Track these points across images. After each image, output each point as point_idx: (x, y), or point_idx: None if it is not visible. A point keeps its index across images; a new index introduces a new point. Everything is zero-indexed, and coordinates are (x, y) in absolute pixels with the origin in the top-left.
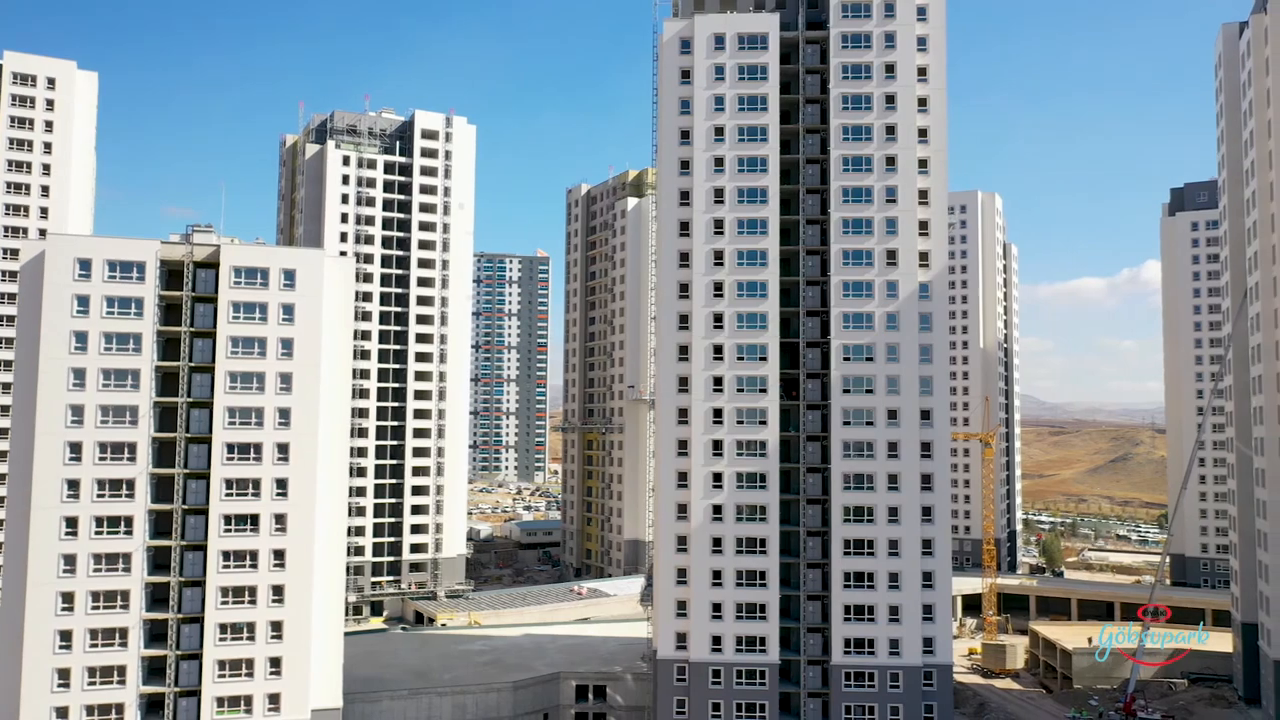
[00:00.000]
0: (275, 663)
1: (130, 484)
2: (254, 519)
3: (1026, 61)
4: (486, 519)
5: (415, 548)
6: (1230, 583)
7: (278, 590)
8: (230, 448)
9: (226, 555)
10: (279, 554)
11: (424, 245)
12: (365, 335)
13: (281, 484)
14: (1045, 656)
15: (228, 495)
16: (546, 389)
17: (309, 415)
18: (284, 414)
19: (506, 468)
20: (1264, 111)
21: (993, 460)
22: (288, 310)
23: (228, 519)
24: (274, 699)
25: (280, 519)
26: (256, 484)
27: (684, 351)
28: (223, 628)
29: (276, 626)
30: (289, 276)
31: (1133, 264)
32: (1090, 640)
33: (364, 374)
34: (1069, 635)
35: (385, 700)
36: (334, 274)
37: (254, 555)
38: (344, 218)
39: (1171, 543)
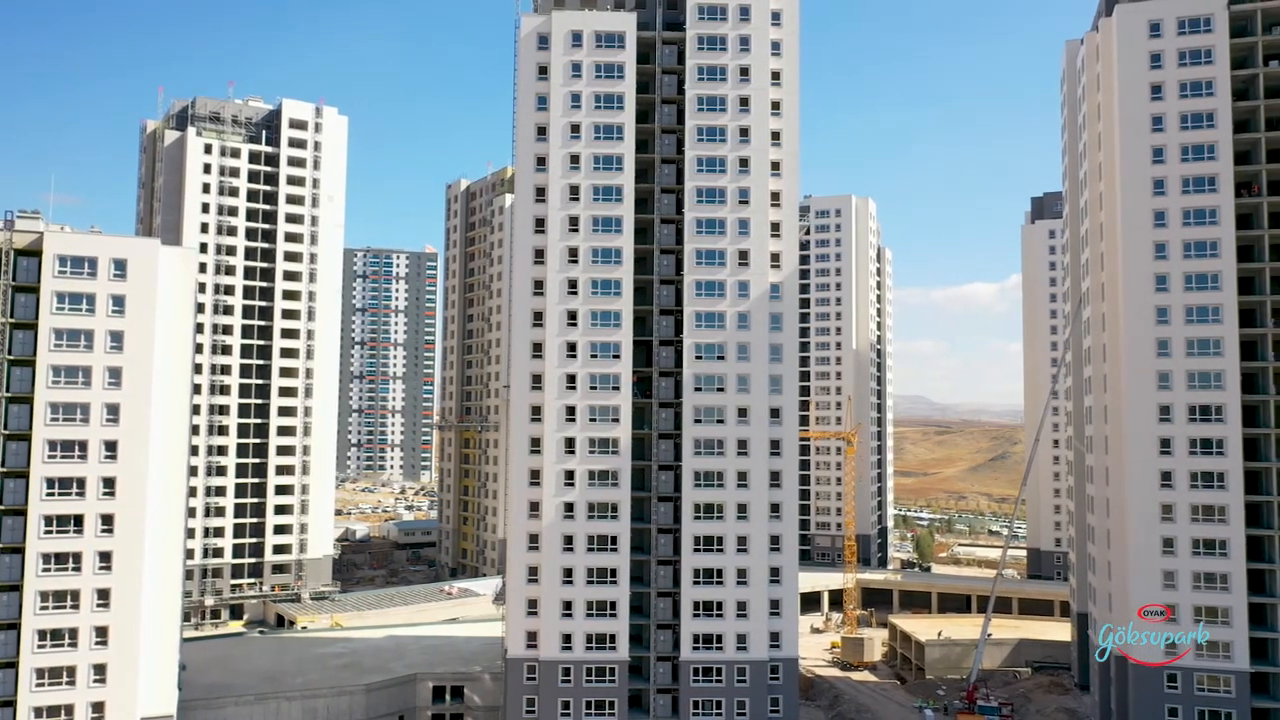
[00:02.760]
0: (100, 669)
1: None
2: (78, 520)
3: (926, 70)
4: (367, 519)
5: (279, 548)
6: (1069, 575)
7: (103, 594)
8: (53, 445)
9: (47, 558)
10: (105, 556)
11: (291, 238)
12: (227, 330)
13: (109, 483)
14: (902, 649)
15: (49, 495)
16: (434, 387)
17: (140, 412)
18: (112, 410)
19: (391, 467)
20: (1094, 125)
21: (854, 458)
22: (118, 302)
23: (49, 520)
24: (98, 707)
25: (107, 519)
26: (81, 483)
27: (538, 349)
28: (41, 634)
29: (101, 632)
30: (119, 266)
31: (1020, 270)
32: (941, 633)
33: (225, 370)
34: (923, 628)
35: (230, 706)
36: (171, 265)
37: (77, 558)
38: (205, 208)
39: (1017, 538)
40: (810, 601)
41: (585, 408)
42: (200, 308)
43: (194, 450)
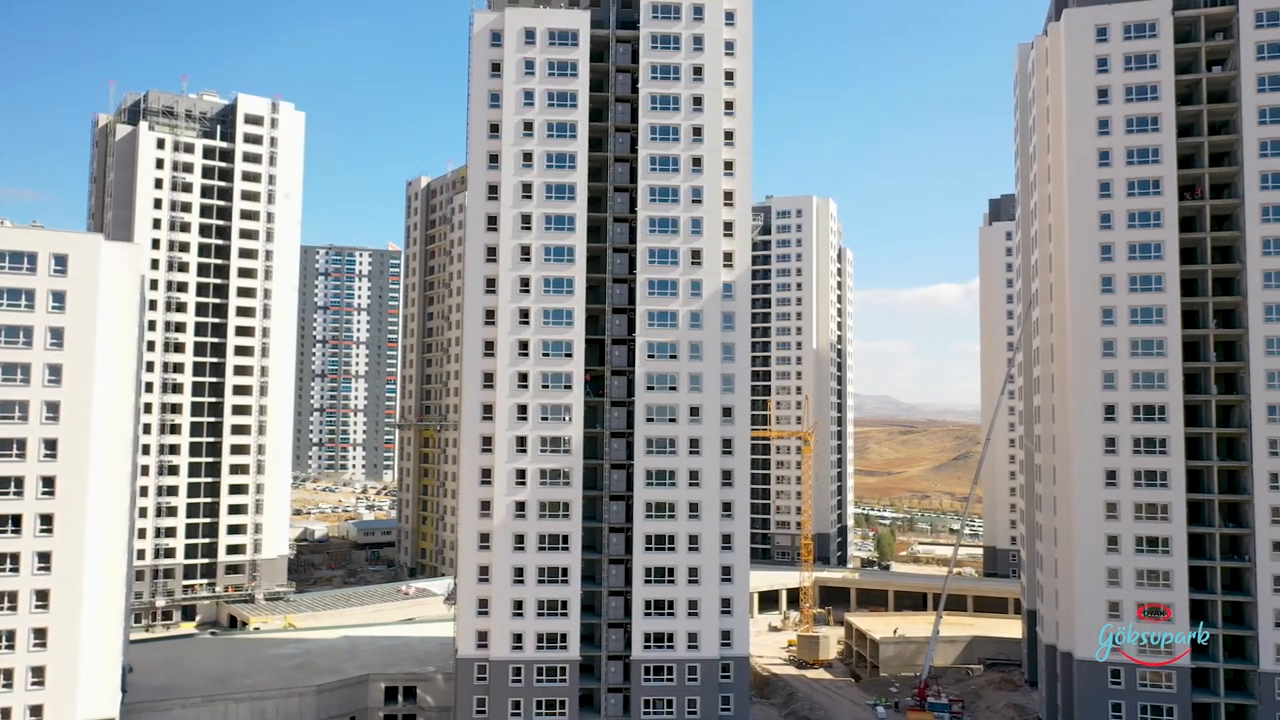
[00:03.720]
0: (38, 672)
1: None
2: (16, 520)
3: (896, 72)
4: (326, 519)
5: (232, 549)
6: (1020, 573)
7: (42, 595)
8: None
9: None
10: (44, 557)
11: (246, 234)
12: (180, 328)
13: (48, 482)
14: (857, 646)
15: None
16: (397, 385)
17: (81, 410)
18: (52, 408)
19: (354, 466)
20: (1044, 128)
21: (811, 457)
22: (58, 298)
23: None
24: (36, 710)
25: (46, 520)
26: (19, 482)
27: (489, 347)
28: None
29: (40, 634)
30: (60, 262)
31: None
32: (896, 630)
33: (178, 368)
34: (878, 625)
35: (176, 709)
36: (116, 261)
37: (15, 559)
38: (157, 203)
39: (978, 536)
40: (769, 600)
41: (537, 406)
42: (152, 305)
43: (145, 449)
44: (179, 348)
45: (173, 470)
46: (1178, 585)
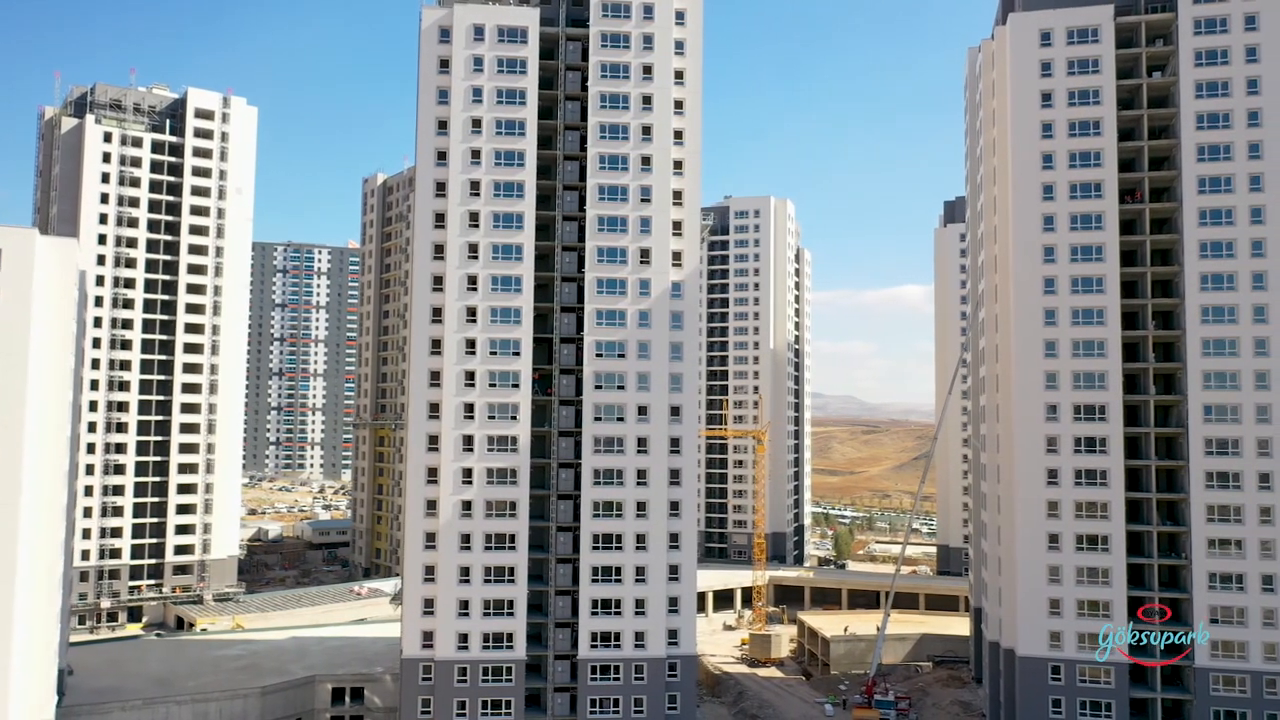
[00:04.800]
0: None
1: None
2: None
3: (865, 72)
4: (282, 518)
5: (180, 549)
6: (969, 571)
7: None
8: None
9: None
10: None
11: (196, 230)
12: (128, 324)
13: None
14: (809, 644)
15: None
16: (355, 384)
17: (12, 409)
18: None
19: (312, 465)
20: (990, 131)
21: (765, 457)
22: None
23: None
24: None
25: None
26: None
27: (436, 345)
28: None
29: None
30: None
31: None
32: (847, 629)
33: (125, 365)
34: (829, 624)
35: (115, 711)
36: (52, 256)
37: None
38: (104, 198)
39: (935, 535)
40: (724, 599)
41: (484, 405)
42: (99, 302)
43: (91, 448)
44: (126, 345)
45: (119, 469)
46: (1117, 583)
